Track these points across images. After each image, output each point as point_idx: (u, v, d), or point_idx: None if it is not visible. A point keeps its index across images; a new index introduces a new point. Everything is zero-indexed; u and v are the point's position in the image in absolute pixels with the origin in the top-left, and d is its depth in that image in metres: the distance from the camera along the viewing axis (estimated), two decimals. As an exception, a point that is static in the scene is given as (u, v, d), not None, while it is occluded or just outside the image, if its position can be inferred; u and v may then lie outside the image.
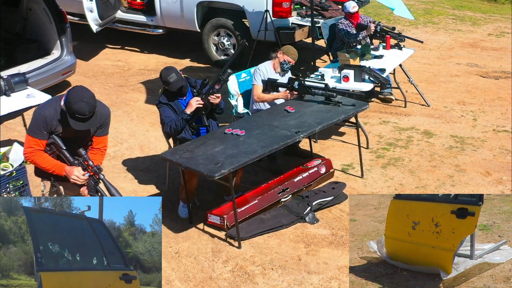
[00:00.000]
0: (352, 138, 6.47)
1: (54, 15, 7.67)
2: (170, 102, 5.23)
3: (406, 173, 5.94)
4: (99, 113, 4.02)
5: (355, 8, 7.37)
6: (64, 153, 4.01)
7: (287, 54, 5.91)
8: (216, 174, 4.54)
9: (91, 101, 3.84)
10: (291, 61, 5.94)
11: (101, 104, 4.17)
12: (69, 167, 4.02)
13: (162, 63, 9.19)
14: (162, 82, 5.21)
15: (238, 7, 8.45)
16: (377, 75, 6.37)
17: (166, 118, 5.19)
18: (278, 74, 5.96)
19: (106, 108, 4.20)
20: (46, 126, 3.96)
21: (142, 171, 6.11)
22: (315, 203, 5.28)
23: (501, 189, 5.64)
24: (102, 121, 4.13)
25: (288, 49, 5.95)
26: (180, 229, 5.12)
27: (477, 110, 7.43)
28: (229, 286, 4.47)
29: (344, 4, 7.58)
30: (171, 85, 5.15)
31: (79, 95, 3.83)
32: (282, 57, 5.92)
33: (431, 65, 9.14)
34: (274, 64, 5.96)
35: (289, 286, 4.44)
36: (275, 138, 5.07)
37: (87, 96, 3.84)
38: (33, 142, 3.98)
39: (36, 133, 3.97)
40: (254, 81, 5.93)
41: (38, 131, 3.97)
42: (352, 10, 7.37)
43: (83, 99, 3.81)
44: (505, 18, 11.96)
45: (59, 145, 4.00)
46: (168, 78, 5.13)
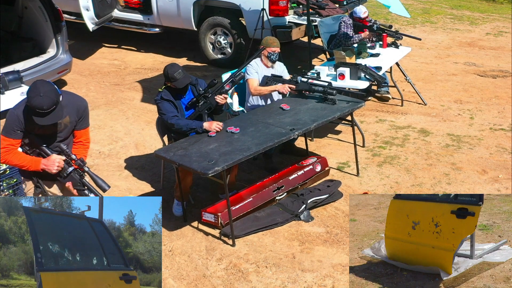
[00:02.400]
0: (348, 137, 6.44)
1: (49, 13, 7.64)
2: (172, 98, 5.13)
3: (402, 171, 5.92)
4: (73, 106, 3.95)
5: (365, 13, 7.35)
6: (44, 149, 3.92)
7: (269, 46, 5.88)
8: (210, 172, 4.52)
9: (50, 94, 3.70)
10: (276, 50, 5.91)
11: (77, 96, 4.11)
12: (45, 159, 3.92)
13: (158, 62, 9.17)
14: (168, 79, 5.08)
15: (235, 5, 8.43)
16: (373, 73, 6.35)
17: (169, 113, 5.08)
18: (270, 68, 5.94)
19: (82, 100, 4.09)
20: (19, 125, 3.86)
21: (137, 169, 6.08)
22: (310, 201, 5.25)
23: (497, 187, 5.61)
24: (79, 114, 4.03)
25: (267, 40, 5.92)
26: (174, 227, 5.09)
27: (474, 108, 7.40)
28: (223, 284, 4.44)
29: (354, 9, 7.54)
30: (178, 82, 5.05)
31: (36, 89, 3.71)
32: (266, 51, 5.90)
33: (428, 64, 9.12)
34: (263, 60, 5.93)
35: (283, 284, 4.41)
36: (270, 135, 5.05)
37: (44, 90, 3.70)
38: (7, 142, 3.88)
39: (10, 133, 3.88)
40: (247, 76, 5.88)
41: (12, 131, 3.87)
42: (363, 15, 7.35)
43: (39, 93, 3.68)
44: (503, 17, 11.95)
45: (37, 142, 3.91)
46: (175, 74, 5.02)
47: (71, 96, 4.07)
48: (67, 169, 3.94)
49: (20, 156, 3.94)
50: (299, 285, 4.40)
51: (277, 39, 6.01)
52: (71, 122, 4.00)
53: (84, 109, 4.07)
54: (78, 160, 3.92)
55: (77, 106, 3.99)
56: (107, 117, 7.26)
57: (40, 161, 3.92)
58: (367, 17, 7.42)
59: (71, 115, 3.98)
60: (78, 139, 4.13)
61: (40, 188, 4.07)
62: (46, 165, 3.91)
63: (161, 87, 5.22)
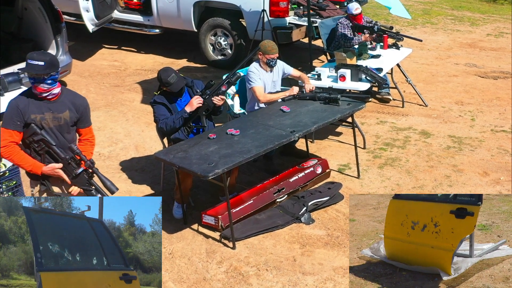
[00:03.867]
0: (349, 138, 6.41)
1: (49, 14, 7.62)
2: (166, 101, 5.16)
3: (403, 173, 5.89)
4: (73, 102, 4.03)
5: (358, 10, 7.35)
6: (54, 149, 3.95)
7: (268, 53, 5.77)
8: (210, 174, 4.49)
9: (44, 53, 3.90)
10: (274, 56, 5.83)
11: (77, 94, 4.16)
12: (47, 167, 3.95)
13: (158, 63, 9.15)
14: (162, 84, 5.10)
15: (235, 6, 8.41)
16: (374, 74, 6.33)
17: (160, 116, 5.12)
18: (269, 72, 5.90)
19: (82, 98, 4.14)
20: (19, 115, 3.87)
21: (137, 171, 6.06)
22: (311, 203, 5.23)
23: (498, 190, 5.59)
24: (80, 111, 4.07)
25: (266, 47, 5.78)
26: (174, 229, 5.07)
27: (475, 110, 7.38)
28: (223, 287, 4.41)
29: (348, 6, 7.54)
30: (173, 86, 5.07)
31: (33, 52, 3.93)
32: (264, 58, 5.80)
33: (429, 65, 9.10)
34: (262, 66, 5.87)
35: (283, 287, 4.39)
36: (270, 137, 5.03)
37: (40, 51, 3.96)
38: (8, 135, 3.88)
39: (10, 124, 3.87)
40: (251, 84, 5.78)
41: (12, 121, 3.87)
42: (355, 12, 7.34)
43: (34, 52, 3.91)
44: (504, 18, 11.93)
45: (49, 141, 3.94)
46: (169, 79, 5.04)
47: (72, 94, 4.13)
48: (76, 169, 3.98)
49: (24, 157, 3.95)
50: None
51: (275, 43, 5.90)
52: (71, 117, 4.04)
53: (85, 107, 4.12)
54: (88, 161, 3.97)
55: (77, 104, 4.05)
56: (107, 118, 7.23)
57: (41, 167, 3.94)
58: (360, 14, 7.40)
59: (71, 110, 4.03)
60: (83, 137, 4.20)
61: (46, 186, 4.07)
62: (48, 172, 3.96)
63: (157, 91, 5.23)
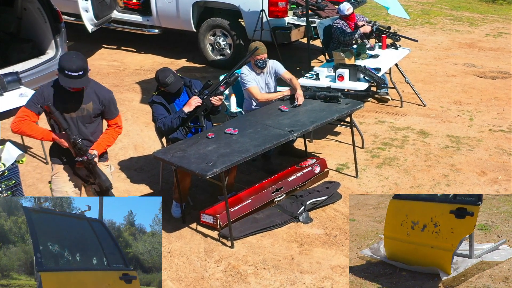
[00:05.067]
0: (347, 138, 6.43)
1: (48, 14, 7.61)
2: (164, 101, 5.18)
3: (401, 172, 5.91)
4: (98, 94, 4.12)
5: (349, 10, 7.37)
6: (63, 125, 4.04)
7: (255, 54, 5.74)
8: (208, 173, 4.51)
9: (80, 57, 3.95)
10: (262, 57, 5.79)
11: (103, 87, 4.26)
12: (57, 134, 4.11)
13: (158, 63, 9.16)
14: (160, 84, 5.13)
15: (234, 7, 8.43)
16: (372, 74, 6.34)
17: (159, 115, 5.15)
18: (261, 74, 5.90)
19: (108, 91, 4.25)
20: (40, 99, 4.03)
21: (136, 171, 6.08)
22: (309, 202, 5.24)
23: (496, 189, 5.60)
24: (104, 104, 4.17)
25: (252, 48, 5.78)
26: (173, 228, 5.08)
27: (474, 110, 7.40)
28: (221, 286, 4.43)
29: (339, 6, 7.56)
30: (170, 86, 5.10)
31: (69, 54, 4.02)
32: (253, 60, 5.81)
33: (428, 65, 9.12)
34: (253, 66, 5.86)
35: (281, 286, 4.40)
36: (268, 137, 5.04)
37: (76, 54, 3.99)
38: (24, 113, 4.06)
39: (30, 105, 4.06)
40: (246, 86, 5.80)
41: (32, 103, 4.06)
42: (347, 12, 7.36)
43: (72, 55, 3.96)
44: (503, 18, 11.94)
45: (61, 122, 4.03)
46: (167, 79, 5.07)
47: (97, 86, 4.22)
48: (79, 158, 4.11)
49: (33, 126, 4.10)
50: (298, 287, 4.39)
51: (263, 44, 5.85)
52: (94, 109, 4.14)
53: (109, 100, 4.20)
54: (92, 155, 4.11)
55: (101, 96, 4.15)
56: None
57: (51, 134, 4.10)
58: (352, 13, 7.40)
59: (95, 102, 4.13)
60: (111, 124, 4.33)
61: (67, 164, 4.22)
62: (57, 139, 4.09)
63: (155, 91, 5.25)
